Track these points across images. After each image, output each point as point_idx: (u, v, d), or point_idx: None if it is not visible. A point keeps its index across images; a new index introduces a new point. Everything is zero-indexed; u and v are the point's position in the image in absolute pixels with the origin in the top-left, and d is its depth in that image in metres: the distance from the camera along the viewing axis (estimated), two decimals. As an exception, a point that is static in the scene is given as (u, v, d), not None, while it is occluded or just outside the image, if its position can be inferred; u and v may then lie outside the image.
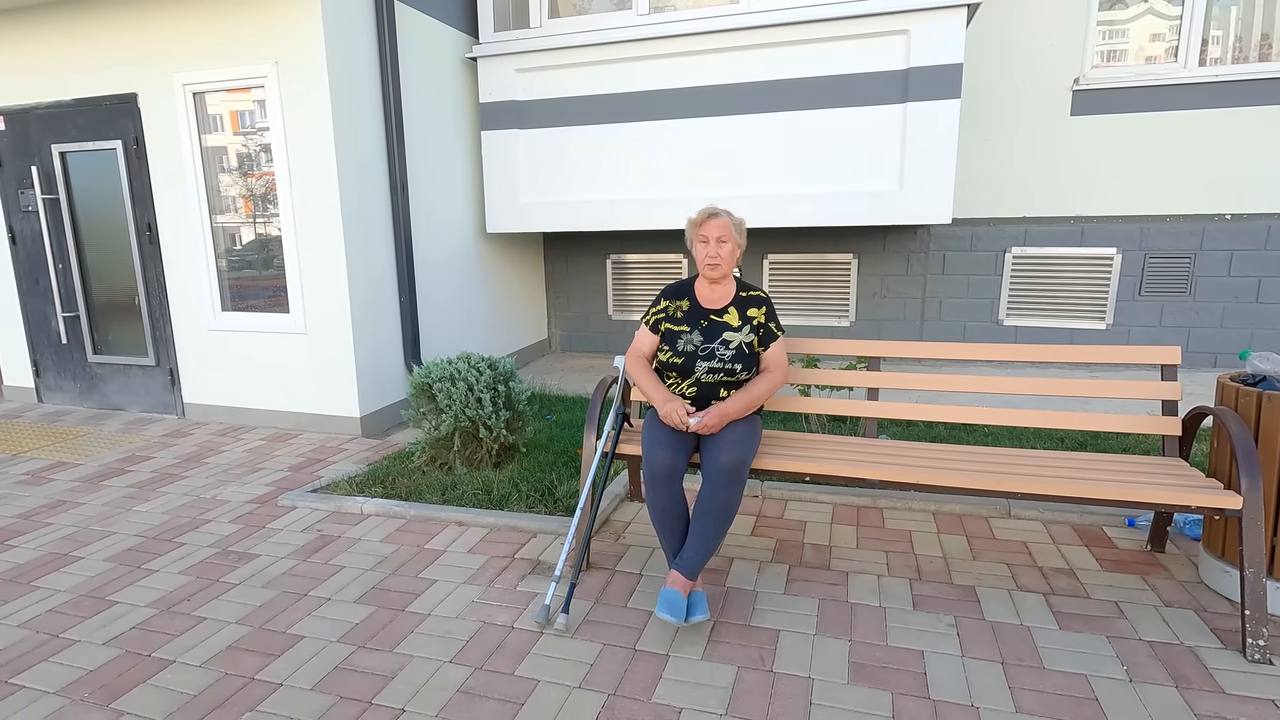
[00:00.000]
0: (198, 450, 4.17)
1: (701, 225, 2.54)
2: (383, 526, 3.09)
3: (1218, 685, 1.95)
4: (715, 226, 2.52)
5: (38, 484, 3.68)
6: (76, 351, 5.08)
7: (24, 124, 4.77)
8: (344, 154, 4.09)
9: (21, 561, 2.84)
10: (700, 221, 2.56)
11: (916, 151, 4.62)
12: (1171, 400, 2.54)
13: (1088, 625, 2.24)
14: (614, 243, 6.52)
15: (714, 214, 2.54)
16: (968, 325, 5.86)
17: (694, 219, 2.59)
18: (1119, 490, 2.20)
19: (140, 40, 4.33)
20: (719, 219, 2.53)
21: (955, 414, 2.74)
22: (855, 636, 2.21)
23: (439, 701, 1.94)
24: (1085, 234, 5.50)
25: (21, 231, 5.01)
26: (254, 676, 2.07)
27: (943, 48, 4.44)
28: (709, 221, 2.53)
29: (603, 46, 5.04)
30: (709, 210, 2.57)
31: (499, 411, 3.52)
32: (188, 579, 2.67)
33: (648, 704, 1.92)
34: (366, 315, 4.34)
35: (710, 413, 2.38)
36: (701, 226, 2.54)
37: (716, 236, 2.51)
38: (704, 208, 2.59)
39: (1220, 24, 5.05)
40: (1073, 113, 5.35)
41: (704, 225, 2.54)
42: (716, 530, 2.26)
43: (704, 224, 2.54)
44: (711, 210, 2.56)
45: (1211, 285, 5.33)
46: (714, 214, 2.54)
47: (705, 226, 2.53)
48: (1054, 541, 2.82)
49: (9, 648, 2.25)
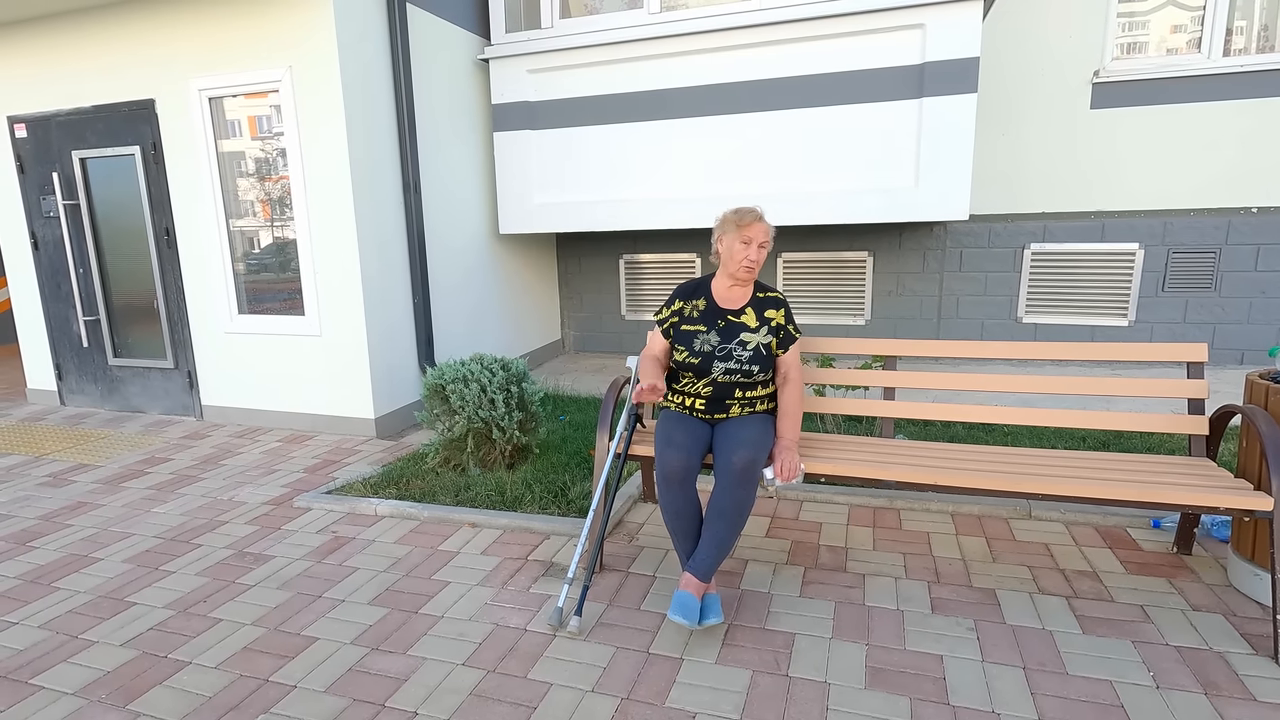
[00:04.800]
0: (215, 452, 4.21)
1: (748, 226, 2.37)
2: (397, 528, 3.09)
3: (1248, 692, 1.89)
4: (761, 231, 2.37)
5: (59, 486, 3.74)
6: (97, 355, 5.15)
7: (45, 131, 4.85)
8: (357, 157, 4.11)
9: (43, 562, 2.88)
10: (748, 223, 2.37)
11: (932, 147, 4.56)
12: (1198, 398, 2.48)
13: (1112, 629, 2.19)
14: (627, 242, 6.50)
15: (760, 217, 2.38)
16: (986, 323, 5.78)
17: (738, 218, 2.40)
18: (1144, 491, 2.15)
19: (157, 47, 4.38)
20: (764, 223, 2.38)
21: (973, 413, 2.68)
22: (872, 640, 2.17)
23: (452, 705, 1.94)
24: (1106, 229, 5.40)
25: (43, 237, 5.09)
26: (269, 678, 2.08)
27: (959, 41, 4.37)
28: (756, 224, 2.37)
29: (614, 46, 5.03)
30: (755, 212, 2.39)
31: (512, 413, 3.52)
32: (204, 580, 2.69)
33: (661, 708, 1.90)
34: (380, 317, 4.36)
35: (785, 461, 2.29)
36: (748, 228, 2.37)
37: (760, 242, 2.37)
38: (748, 206, 2.42)
39: (1244, 13, 4.94)
40: (1093, 106, 5.26)
41: (751, 227, 2.37)
42: (730, 531, 2.23)
43: (751, 225, 2.37)
44: (758, 213, 2.39)
45: (1238, 280, 5.22)
46: (760, 217, 2.38)
47: (752, 229, 2.37)
48: (1076, 543, 2.77)
49: (30, 648, 2.28)
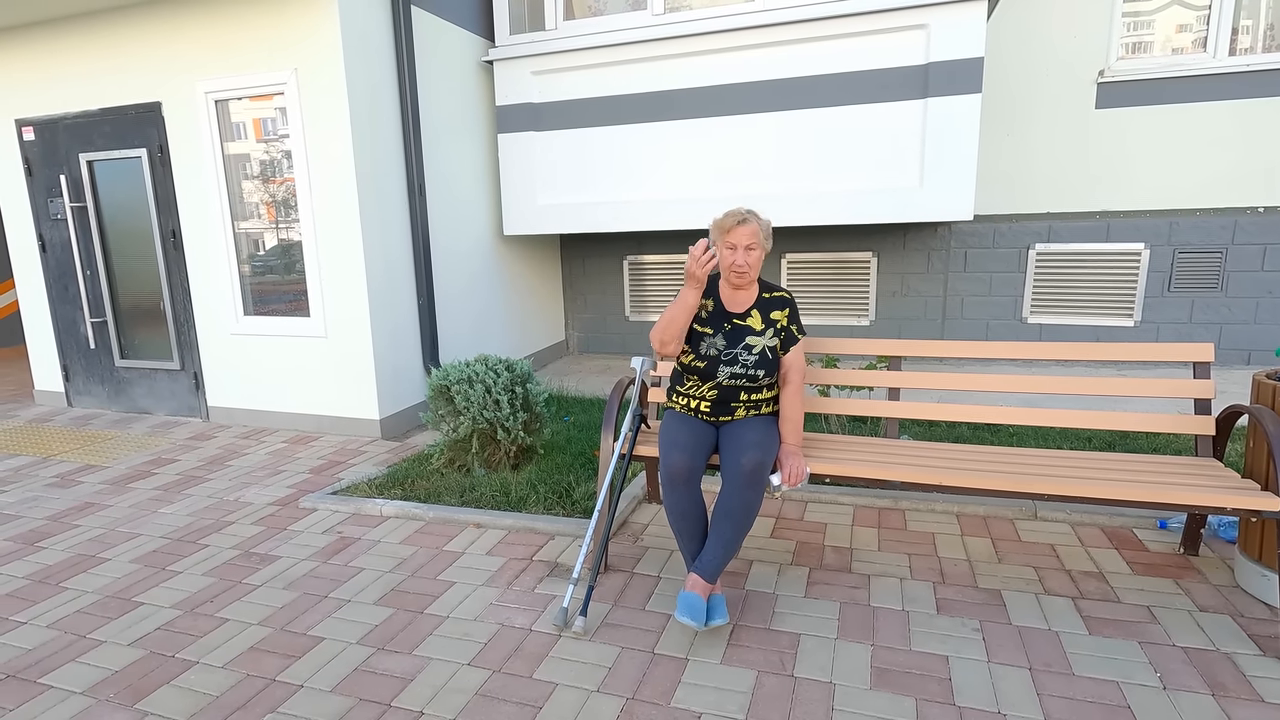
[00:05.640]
0: (221, 453, 4.22)
1: (730, 232, 2.35)
2: (402, 528, 3.10)
3: (1256, 693, 1.88)
4: (745, 234, 2.33)
5: (67, 486, 3.76)
6: (104, 356, 5.18)
7: (53, 134, 4.88)
8: (362, 159, 4.13)
9: (51, 563, 2.89)
10: (729, 227, 2.35)
11: (937, 147, 4.55)
12: (1205, 399, 2.47)
13: (1118, 630, 2.18)
14: (630, 243, 6.51)
15: (743, 220, 2.34)
16: (990, 323, 5.77)
17: (721, 223, 2.38)
18: (1150, 491, 2.15)
19: (163, 50, 4.41)
20: (748, 225, 2.34)
21: (978, 414, 2.68)
22: (878, 641, 2.17)
23: (457, 704, 1.94)
24: (1111, 229, 5.38)
25: (51, 239, 5.12)
26: (275, 678, 2.09)
27: (963, 41, 4.37)
28: (738, 228, 2.34)
29: (618, 47, 5.03)
30: (739, 215, 2.35)
31: (516, 413, 3.52)
32: (211, 580, 2.70)
33: (666, 708, 1.90)
34: (385, 318, 4.37)
35: (792, 466, 2.30)
36: (730, 233, 2.35)
37: (745, 244, 2.34)
38: (732, 210, 2.38)
39: (1250, 12, 4.92)
40: (1098, 105, 5.24)
41: (733, 232, 2.34)
42: (736, 533, 2.23)
43: (733, 230, 2.34)
44: (741, 215, 2.35)
45: (1244, 280, 5.19)
46: (743, 220, 2.34)
47: (734, 234, 2.34)
48: (1082, 544, 2.76)
49: (38, 648, 2.29)
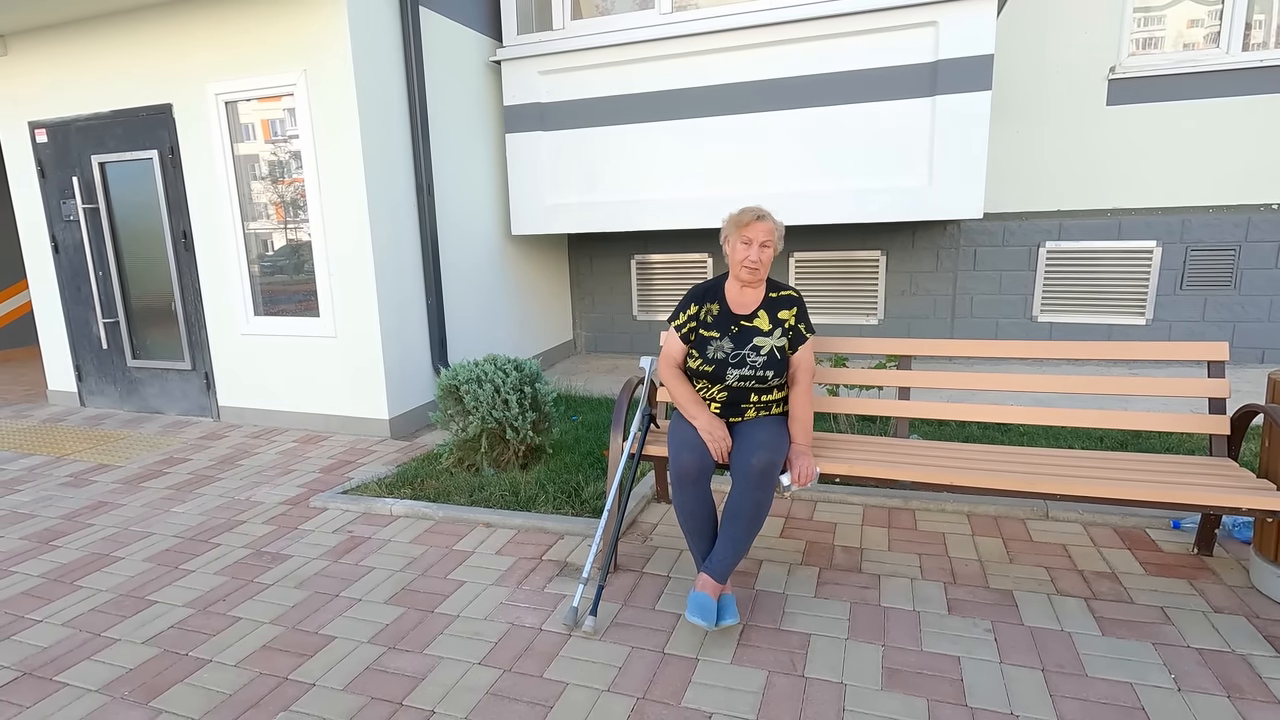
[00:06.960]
0: (232, 452, 4.25)
1: (747, 226, 2.36)
2: (412, 528, 3.11)
3: (1272, 695, 1.86)
4: (761, 230, 2.35)
5: (80, 486, 3.79)
6: (116, 356, 5.22)
7: (65, 136, 4.92)
8: (371, 159, 4.14)
9: (65, 561, 2.92)
10: (747, 222, 2.36)
11: (946, 145, 4.53)
12: (1219, 398, 2.45)
13: (1132, 631, 2.16)
14: (638, 243, 6.51)
15: (761, 216, 2.36)
16: (1000, 322, 5.73)
17: (738, 218, 2.39)
18: (1164, 491, 2.13)
19: (174, 52, 4.43)
20: (765, 222, 2.36)
21: (988, 413, 2.66)
22: (889, 641, 2.16)
23: (468, 703, 1.95)
24: (1123, 227, 5.34)
25: (64, 240, 5.16)
26: (287, 676, 2.10)
27: (972, 39, 4.34)
28: (756, 224, 2.35)
29: (626, 47, 5.03)
30: (756, 211, 2.37)
31: (525, 413, 3.53)
32: (223, 579, 2.71)
33: (677, 708, 1.90)
34: (394, 318, 4.38)
35: (801, 466, 2.30)
36: (747, 228, 2.36)
37: (761, 241, 2.35)
38: (750, 206, 2.40)
39: (1263, 7, 4.87)
40: (1108, 102, 5.20)
41: (750, 227, 2.35)
42: (746, 533, 2.22)
43: (750, 225, 2.36)
44: (759, 212, 2.37)
45: (1258, 278, 5.14)
46: (761, 216, 2.36)
47: (751, 229, 2.35)
48: (1095, 544, 2.74)
49: (53, 646, 2.31)
